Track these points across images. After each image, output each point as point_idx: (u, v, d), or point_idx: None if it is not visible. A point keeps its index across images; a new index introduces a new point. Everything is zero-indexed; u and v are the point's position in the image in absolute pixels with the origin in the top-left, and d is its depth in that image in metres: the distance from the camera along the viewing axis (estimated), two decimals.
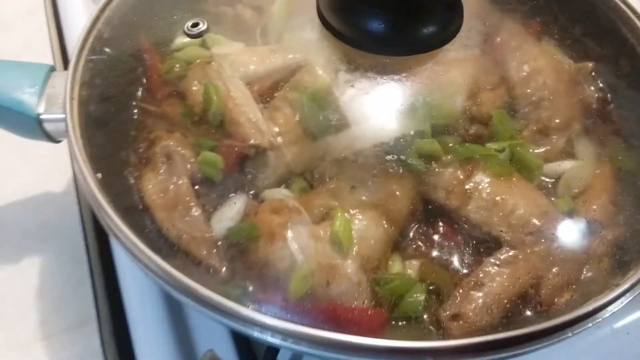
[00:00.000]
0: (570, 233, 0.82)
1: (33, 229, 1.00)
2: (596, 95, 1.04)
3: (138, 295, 0.90)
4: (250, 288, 0.78)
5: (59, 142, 0.92)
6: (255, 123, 0.91)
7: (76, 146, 0.78)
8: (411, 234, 0.86)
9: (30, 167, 1.07)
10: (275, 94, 1.00)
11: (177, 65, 0.98)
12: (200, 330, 0.90)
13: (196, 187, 0.88)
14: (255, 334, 0.66)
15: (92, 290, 0.95)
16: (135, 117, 0.97)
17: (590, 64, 1.06)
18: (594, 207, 0.86)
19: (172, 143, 0.90)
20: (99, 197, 0.74)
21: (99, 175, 0.77)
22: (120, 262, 0.93)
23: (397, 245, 0.84)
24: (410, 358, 0.67)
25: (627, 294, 0.71)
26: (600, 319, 0.68)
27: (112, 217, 0.72)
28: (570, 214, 0.87)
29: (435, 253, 0.84)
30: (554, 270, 0.79)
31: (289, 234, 0.75)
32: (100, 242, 1.01)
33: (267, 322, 0.66)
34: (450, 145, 0.89)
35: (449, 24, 0.90)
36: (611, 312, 0.69)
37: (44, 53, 1.30)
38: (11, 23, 1.38)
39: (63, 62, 1.30)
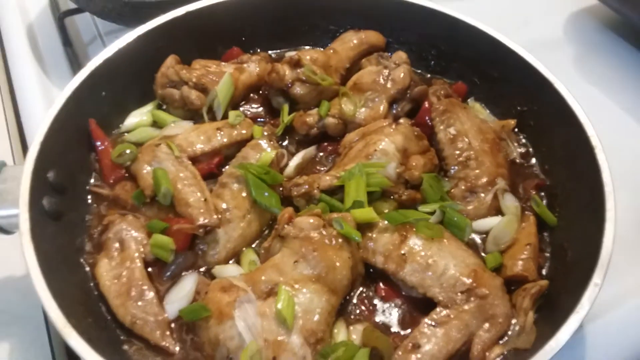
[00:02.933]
0: (498, 289, 0.89)
1: None
2: (519, 150, 1.13)
3: None
4: None
5: (12, 234, 0.95)
6: (204, 202, 0.96)
7: (27, 245, 0.82)
8: (355, 299, 0.92)
9: None
10: (223, 169, 1.07)
11: (128, 149, 1.03)
12: None
13: (149, 269, 0.93)
14: None
15: None
16: (89, 202, 1.03)
17: (513, 122, 1.16)
18: (520, 262, 0.93)
19: (124, 226, 0.95)
20: (49, 303, 0.77)
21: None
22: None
23: (342, 310, 0.90)
24: None
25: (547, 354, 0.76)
26: None
27: (60, 322, 0.76)
28: (499, 269, 0.94)
29: (377, 316, 0.90)
30: (484, 326, 0.85)
31: (237, 313, 0.80)
32: None
33: None
34: (386, 211, 0.96)
35: None
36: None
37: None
38: None
39: (20, 139, 1.34)
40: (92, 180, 1.05)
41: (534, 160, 1.12)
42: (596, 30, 1.66)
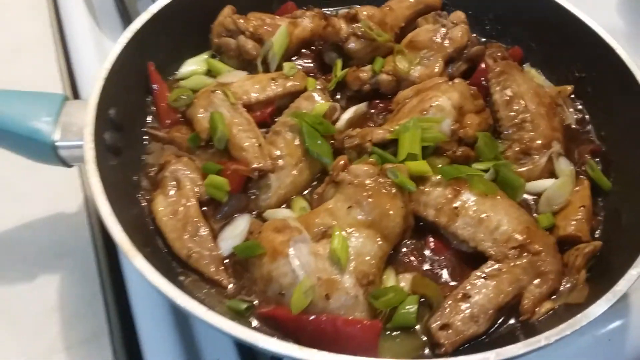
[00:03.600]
0: (551, 246, 0.88)
1: (47, 248, 1.06)
2: (575, 116, 1.12)
3: (147, 309, 0.95)
4: (256, 302, 0.85)
5: (71, 166, 0.97)
6: (258, 148, 0.97)
7: (93, 173, 0.84)
8: (404, 249, 0.92)
9: (44, 189, 1.12)
10: (276, 119, 1.08)
11: (184, 94, 1.05)
12: (207, 341, 0.95)
13: (204, 208, 0.95)
14: (260, 346, 0.71)
15: (104, 305, 1.01)
16: (146, 143, 1.05)
17: (570, 87, 1.14)
18: (573, 222, 0.92)
19: (180, 167, 0.97)
20: (114, 226, 0.79)
21: None
22: (130, 277, 0.99)
23: (391, 259, 0.90)
24: None
25: (604, 304, 0.76)
26: (578, 327, 0.74)
27: (126, 244, 0.78)
28: (551, 229, 0.94)
29: (426, 266, 0.91)
30: (535, 282, 0.85)
31: (291, 251, 0.82)
32: (110, 259, 1.06)
33: (269, 346, 0.70)
34: (439, 166, 0.96)
35: None
36: (588, 320, 0.75)
37: (53, 78, 1.37)
38: (21, 50, 1.45)
39: (72, 89, 1.37)
40: (148, 122, 1.07)
41: (589, 127, 1.10)
42: None
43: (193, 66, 1.17)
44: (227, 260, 0.90)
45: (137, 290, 0.98)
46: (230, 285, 0.87)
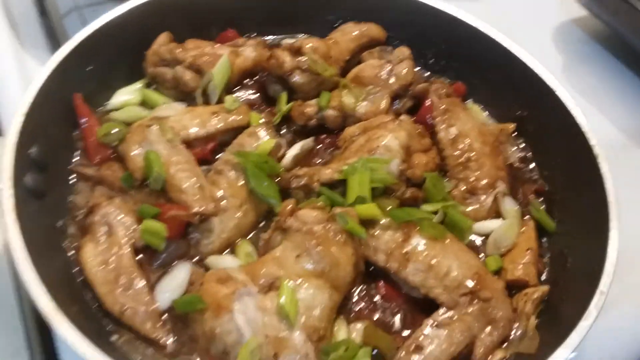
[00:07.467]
0: (500, 292, 0.88)
1: None
2: (518, 155, 1.13)
3: None
4: None
5: None
6: (199, 189, 0.91)
7: (12, 225, 0.75)
8: (355, 297, 0.89)
9: None
10: (218, 156, 1.02)
11: (115, 128, 0.97)
12: None
13: (139, 255, 0.87)
14: None
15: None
16: (72, 182, 0.96)
17: (512, 126, 1.15)
18: (520, 266, 0.92)
19: (112, 210, 0.89)
20: (37, 289, 0.71)
21: None
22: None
23: (341, 307, 0.86)
24: None
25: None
26: None
27: (51, 311, 0.70)
28: (499, 272, 0.93)
29: (377, 314, 0.88)
30: (486, 330, 0.84)
31: (236, 306, 0.76)
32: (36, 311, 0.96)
33: None
34: (389, 208, 0.93)
35: None
36: None
37: None
38: None
39: None
40: (75, 159, 0.98)
41: (532, 165, 1.11)
42: (584, 41, 1.68)
43: (126, 96, 1.09)
44: (165, 315, 0.82)
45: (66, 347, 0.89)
46: (170, 342, 0.80)
